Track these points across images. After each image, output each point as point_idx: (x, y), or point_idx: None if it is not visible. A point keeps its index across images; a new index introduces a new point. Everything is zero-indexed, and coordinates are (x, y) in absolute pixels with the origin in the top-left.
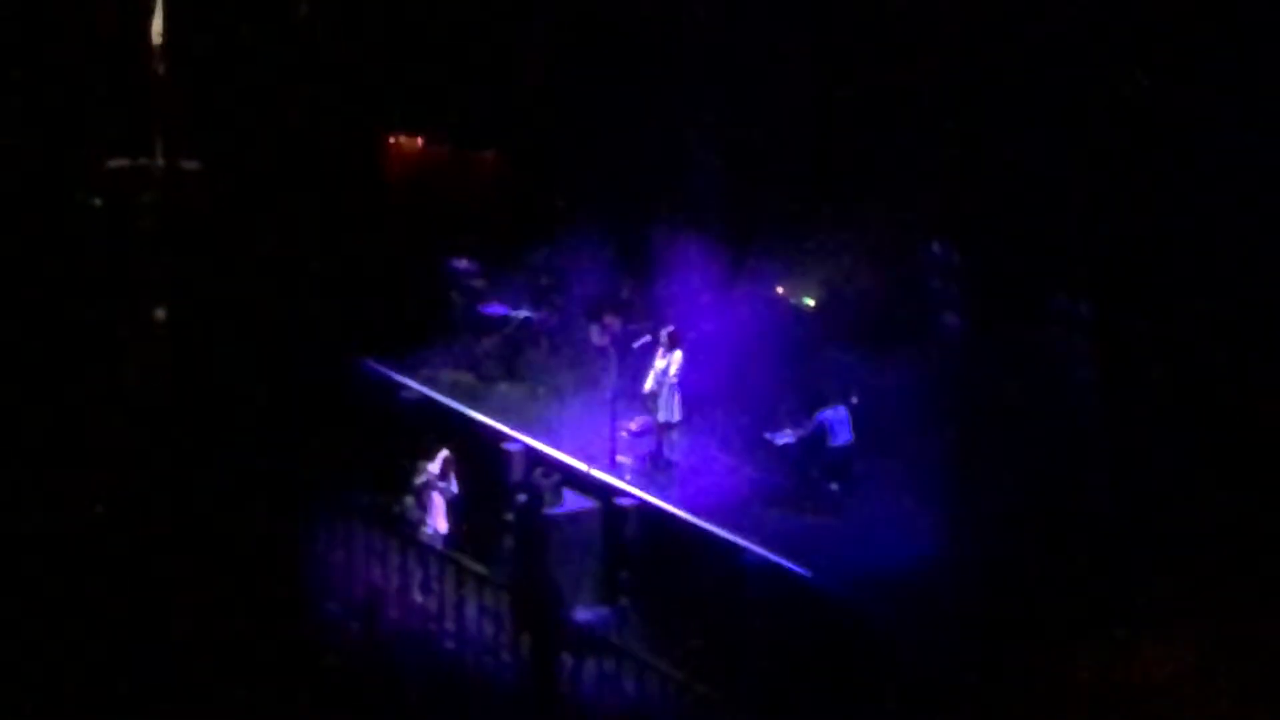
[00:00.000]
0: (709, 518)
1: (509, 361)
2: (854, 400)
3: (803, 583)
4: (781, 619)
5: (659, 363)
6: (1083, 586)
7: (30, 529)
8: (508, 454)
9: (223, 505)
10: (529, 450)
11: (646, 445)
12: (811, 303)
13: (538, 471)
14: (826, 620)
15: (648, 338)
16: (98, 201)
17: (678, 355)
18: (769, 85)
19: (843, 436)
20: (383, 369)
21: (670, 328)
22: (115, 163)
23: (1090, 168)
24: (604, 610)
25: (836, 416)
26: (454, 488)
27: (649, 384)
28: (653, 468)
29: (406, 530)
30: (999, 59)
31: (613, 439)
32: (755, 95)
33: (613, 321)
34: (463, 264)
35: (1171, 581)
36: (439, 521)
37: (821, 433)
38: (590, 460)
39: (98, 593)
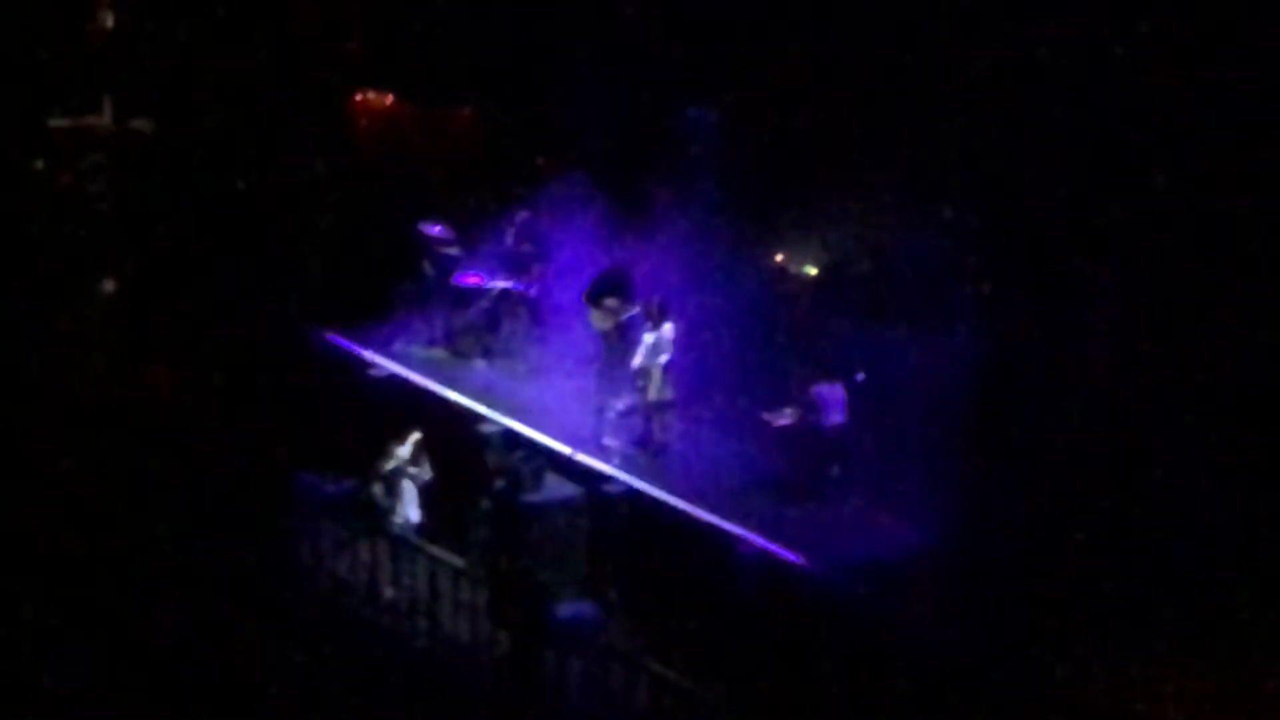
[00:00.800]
0: (702, 505)
1: (486, 336)
2: (859, 377)
3: (801, 573)
4: (779, 612)
5: (647, 337)
6: (1095, 581)
7: None
8: (485, 437)
9: (172, 492)
10: (508, 433)
11: (635, 427)
12: (814, 271)
13: (517, 455)
14: (825, 613)
15: (636, 310)
16: (39, 164)
17: (668, 328)
18: (770, 36)
19: (835, 416)
20: (348, 344)
21: (659, 298)
22: (57, 122)
23: (1112, 122)
24: (589, 605)
25: (831, 394)
26: (426, 473)
27: (637, 360)
28: (642, 451)
29: (375, 519)
30: (1017, 18)
31: (599, 420)
32: (755, 47)
33: (614, 303)
34: (436, 230)
35: (1185, 576)
36: (410, 510)
37: (813, 411)
38: (574, 443)
39: (41, 584)
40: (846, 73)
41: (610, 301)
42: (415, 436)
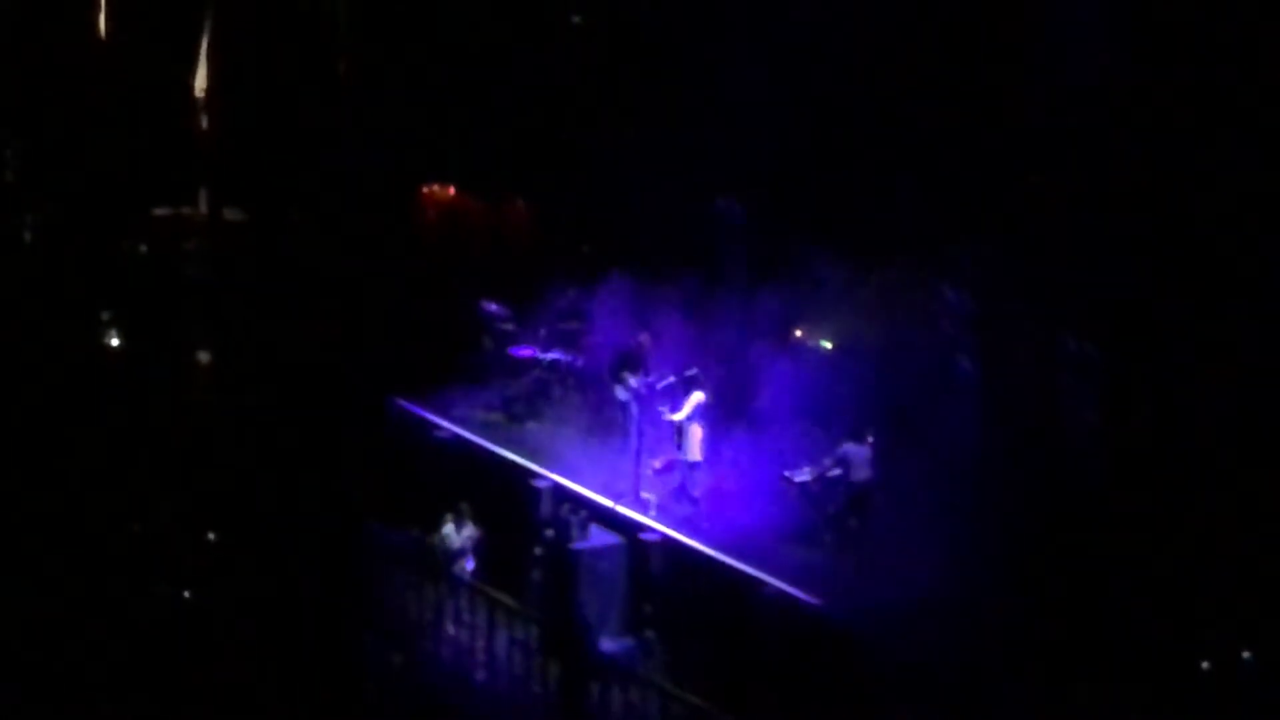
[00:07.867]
0: (730, 552)
1: (538, 402)
2: (870, 440)
3: (818, 614)
4: (798, 649)
5: (688, 401)
6: (1088, 624)
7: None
8: (537, 491)
9: (266, 540)
10: (557, 487)
11: (670, 483)
12: (829, 346)
13: (565, 508)
14: (841, 650)
15: (672, 379)
16: (143, 248)
17: (696, 396)
18: (788, 130)
19: (864, 472)
20: (417, 409)
21: (694, 370)
22: (160, 211)
23: (1101, 211)
24: (629, 641)
25: (859, 453)
26: (476, 531)
27: (677, 417)
28: (676, 505)
29: (440, 565)
30: (1015, 101)
31: (637, 476)
32: (775, 140)
33: (632, 378)
34: (494, 308)
35: (1170, 624)
36: (468, 558)
37: (845, 468)
38: (616, 497)
39: (133, 630)
40: (863, 166)
41: (629, 376)
42: (465, 505)
